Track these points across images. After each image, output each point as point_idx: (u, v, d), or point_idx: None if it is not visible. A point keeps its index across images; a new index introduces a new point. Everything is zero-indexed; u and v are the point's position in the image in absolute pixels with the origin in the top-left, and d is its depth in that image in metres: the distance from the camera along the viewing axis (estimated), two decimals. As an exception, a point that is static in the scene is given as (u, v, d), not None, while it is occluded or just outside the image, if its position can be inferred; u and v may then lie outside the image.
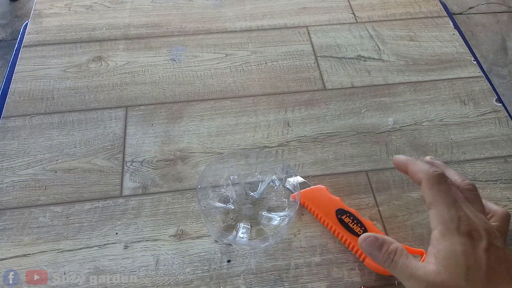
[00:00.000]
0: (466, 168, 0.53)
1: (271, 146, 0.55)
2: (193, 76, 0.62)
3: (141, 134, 0.56)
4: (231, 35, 0.68)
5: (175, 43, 0.66)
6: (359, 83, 0.62)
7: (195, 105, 0.59)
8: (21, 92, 0.60)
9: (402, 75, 0.63)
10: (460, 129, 0.57)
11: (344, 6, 0.72)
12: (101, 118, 0.57)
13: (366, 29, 0.69)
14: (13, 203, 0.49)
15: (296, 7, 0.72)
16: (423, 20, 0.71)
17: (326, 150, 0.55)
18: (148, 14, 0.70)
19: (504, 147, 0.55)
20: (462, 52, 0.66)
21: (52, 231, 0.47)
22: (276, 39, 0.67)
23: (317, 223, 0.48)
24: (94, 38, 0.67)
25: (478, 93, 0.61)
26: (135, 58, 0.64)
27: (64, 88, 0.60)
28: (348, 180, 0.52)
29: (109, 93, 0.60)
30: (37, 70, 0.62)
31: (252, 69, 0.63)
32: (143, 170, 0.52)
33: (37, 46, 0.65)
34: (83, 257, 0.45)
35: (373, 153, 0.54)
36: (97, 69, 0.63)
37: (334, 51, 0.66)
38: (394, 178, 0.52)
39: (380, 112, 0.59)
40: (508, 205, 0.50)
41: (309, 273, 0.45)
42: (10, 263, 0.45)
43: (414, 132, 0.57)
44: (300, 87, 0.61)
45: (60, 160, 0.53)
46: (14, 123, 0.56)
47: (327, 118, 0.58)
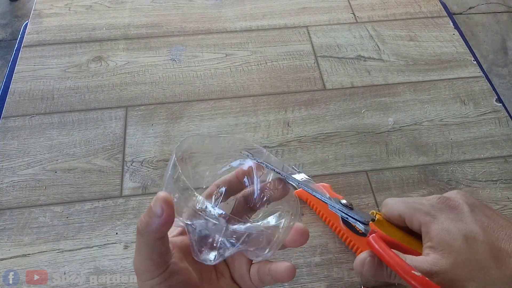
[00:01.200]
0: (466, 168, 0.53)
1: (271, 146, 0.55)
2: (193, 76, 0.62)
3: (141, 134, 0.56)
4: (231, 35, 0.68)
5: (175, 43, 0.66)
6: (359, 83, 0.62)
7: (195, 105, 0.59)
8: (21, 92, 0.60)
9: (402, 75, 0.63)
10: (460, 129, 0.57)
11: (344, 6, 0.72)
12: (101, 118, 0.57)
13: (366, 29, 0.69)
14: (13, 203, 0.49)
15: (296, 7, 0.72)
16: (423, 20, 0.71)
17: (326, 150, 0.55)
18: (148, 14, 0.70)
19: (504, 147, 0.55)
20: (462, 52, 0.66)
21: (52, 231, 0.47)
22: (276, 39, 0.67)
23: (317, 223, 0.48)
24: (94, 38, 0.67)
25: (478, 93, 0.61)
26: (135, 58, 0.64)
27: (64, 88, 0.60)
28: (348, 180, 0.52)
29: (109, 93, 0.60)
30: (37, 70, 0.62)
31: (252, 69, 0.63)
32: (143, 170, 0.52)
33: (37, 46, 0.65)
34: (83, 257, 0.45)
35: (373, 153, 0.54)
36: (97, 69, 0.63)
37: (334, 51, 0.66)
38: (394, 178, 0.52)
39: (380, 112, 0.59)
40: (508, 205, 0.50)
41: (309, 273, 0.45)
42: (10, 263, 0.45)
43: (414, 132, 0.57)
44: (300, 87, 0.61)
45: (60, 160, 0.53)
46: (14, 123, 0.56)
47: (327, 118, 0.58)
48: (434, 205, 0.33)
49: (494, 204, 0.50)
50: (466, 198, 0.33)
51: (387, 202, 0.36)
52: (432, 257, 0.30)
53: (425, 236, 0.32)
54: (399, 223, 0.35)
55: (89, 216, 0.48)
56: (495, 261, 0.29)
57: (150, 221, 0.27)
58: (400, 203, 0.34)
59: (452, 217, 0.32)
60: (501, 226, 0.31)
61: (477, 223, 0.31)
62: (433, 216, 0.32)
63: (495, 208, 0.49)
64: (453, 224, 0.31)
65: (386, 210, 0.35)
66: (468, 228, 0.31)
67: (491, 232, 0.30)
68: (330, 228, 0.47)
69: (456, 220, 0.31)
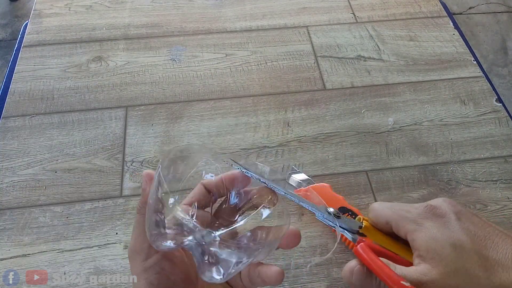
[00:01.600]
0: (466, 168, 0.53)
1: (271, 146, 0.55)
2: (193, 76, 0.62)
3: (141, 134, 0.56)
4: (231, 35, 0.68)
5: (175, 43, 0.66)
6: (359, 83, 0.62)
7: (195, 105, 0.59)
8: (21, 92, 0.60)
9: (402, 75, 0.63)
10: (460, 129, 0.57)
11: (344, 6, 0.72)
12: (101, 118, 0.57)
13: (366, 29, 0.69)
14: (13, 203, 0.49)
15: (296, 7, 0.72)
16: (423, 20, 0.71)
17: (326, 150, 0.55)
18: (148, 14, 0.70)
19: (504, 147, 0.55)
20: (462, 52, 0.66)
21: (52, 231, 0.47)
22: (276, 39, 0.67)
23: (317, 223, 0.48)
24: (94, 38, 0.67)
25: (478, 93, 0.61)
26: (135, 58, 0.64)
27: (64, 88, 0.60)
28: (348, 180, 0.52)
29: (109, 93, 0.60)
30: (37, 70, 0.62)
31: (252, 69, 0.63)
32: (143, 170, 0.52)
33: (37, 46, 0.65)
34: (83, 257, 0.45)
35: (373, 153, 0.54)
36: (97, 69, 0.63)
37: (334, 51, 0.66)
38: (394, 178, 0.52)
39: (380, 112, 0.59)
40: (508, 205, 0.50)
41: (309, 273, 0.45)
42: (10, 263, 0.45)
43: (414, 132, 0.57)
44: (300, 87, 0.61)
45: (60, 160, 0.53)
46: (14, 123, 0.56)
47: (327, 118, 0.58)
48: (420, 214, 0.33)
49: (494, 204, 0.50)
50: (453, 206, 0.32)
51: (374, 207, 0.35)
52: (421, 267, 0.30)
53: (412, 245, 0.32)
54: (386, 229, 0.35)
55: (89, 216, 0.48)
56: (484, 270, 0.29)
57: (143, 199, 0.30)
58: (387, 210, 0.34)
59: (438, 225, 0.31)
60: (488, 233, 0.31)
61: (463, 231, 0.31)
62: (419, 224, 0.32)
63: (495, 208, 0.50)
64: (440, 232, 0.31)
65: (373, 215, 0.35)
66: (455, 237, 0.30)
67: (478, 240, 0.30)
68: (330, 228, 0.47)
69: (442, 228, 0.31)
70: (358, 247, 0.32)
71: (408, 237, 0.32)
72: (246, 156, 0.54)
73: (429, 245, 0.30)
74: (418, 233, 0.31)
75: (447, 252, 0.30)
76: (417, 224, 0.32)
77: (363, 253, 0.32)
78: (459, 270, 0.29)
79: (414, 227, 0.32)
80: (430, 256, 0.30)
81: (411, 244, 0.32)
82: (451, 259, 0.30)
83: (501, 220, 0.49)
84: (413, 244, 0.32)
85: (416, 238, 0.31)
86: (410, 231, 0.32)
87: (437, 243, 0.30)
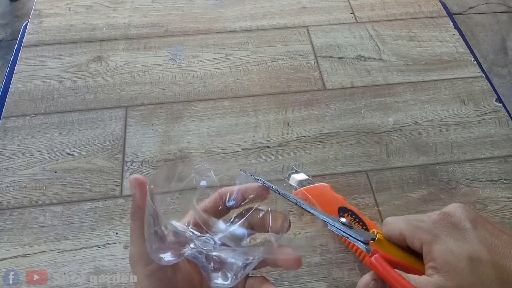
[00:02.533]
0: (466, 168, 0.53)
1: (271, 146, 0.55)
2: (193, 76, 0.62)
3: (141, 134, 0.56)
4: (231, 35, 0.68)
5: (175, 43, 0.66)
6: (359, 83, 0.62)
7: (195, 105, 0.59)
8: (21, 92, 0.60)
9: (402, 75, 0.63)
10: (460, 129, 0.57)
11: (344, 6, 0.72)
12: (101, 118, 0.57)
13: (366, 29, 0.69)
14: (13, 203, 0.49)
15: (296, 7, 0.72)
16: (423, 20, 0.71)
17: (326, 150, 0.55)
18: (148, 14, 0.70)
19: (504, 147, 0.55)
20: (462, 52, 0.66)
21: (52, 231, 0.47)
22: (276, 39, 0.67)
23: (317, 223, 0.48)
24: (94, 38, 0.67)
25: (478, 93, 0.61)
26: (135, 58, 0.64)
27: (64, 88, 0.60)
28: (348, 180, 0.52)
29: (109, 93, 0.60)
30: (37, 70, 0.62)
31: (252, 69, 0.63)
32: (143, 170, 0.52)
33: (37, 46, 0.65)
34: (83, 257, 0.45)
35: (373, 153, 0.54)
36: (97, 69, 0.63)
37: (334, 51, 0.66)
38: (394, 178, 0.52)
39: (380, 112, 0.59)
40: (508, 205, 0.50)
41: (309, 273, 0.45)
42: (10, 263, 0.45)
43: (414, 132, 0.57)
44: (300, 87, 0.61)
45: (60, 160, 0.53)
46: (14, 123, 0.56)
47: (327, 118, 0.58)
48: (435, 222, 0.32)
49: (494, 204, 0.50)
50: (468, 213, 0.32)
51: (387, 220, 0.35)
52: (435, 278, 0.30)
53: (427, 255, 0.32)
54: (400, 242, 0.34)
55: (89, 216, 0.48)
56: (501, 282, 0.29)
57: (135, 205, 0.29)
58: (401, 221, 0.34)
59: (455, 236, 0.31)
60: (505, 242, 0.31)
61: (480, 241, 0.30)
62: (435, 235, 0.31)
63: (495, 208, 0.50)
64: (457, 244, 0.30)
65: (387, 229, 0.35)
66: (472, 248, 0.30)
67: (495, 250, 0.30)
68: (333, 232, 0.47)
69: (459, 240, 0.31)
70: (372, 258, 0.32)
71: (424, 247, 0.32)
72: (246, 156, 0.54)
73: (446, 258, 0.30)
74: (434, 245, 0.31)
75: (463, 265, 0.30)
76: (433, 235, 0.31)
77: (378, 264, 0.31)
78: (474, 284, 0.29)
79: (430, 237, 0.31)
80: (445, 269, 0.30)
81: (426, 255, 0.32)
82: (467, 273, 0.29)
83: (501, 220, 0.49)
84: (428, 255, 0.31)
85: (432, 250, 0.31)
86: (426, 241, 0.32)
87: (453, 256, 0.30)
